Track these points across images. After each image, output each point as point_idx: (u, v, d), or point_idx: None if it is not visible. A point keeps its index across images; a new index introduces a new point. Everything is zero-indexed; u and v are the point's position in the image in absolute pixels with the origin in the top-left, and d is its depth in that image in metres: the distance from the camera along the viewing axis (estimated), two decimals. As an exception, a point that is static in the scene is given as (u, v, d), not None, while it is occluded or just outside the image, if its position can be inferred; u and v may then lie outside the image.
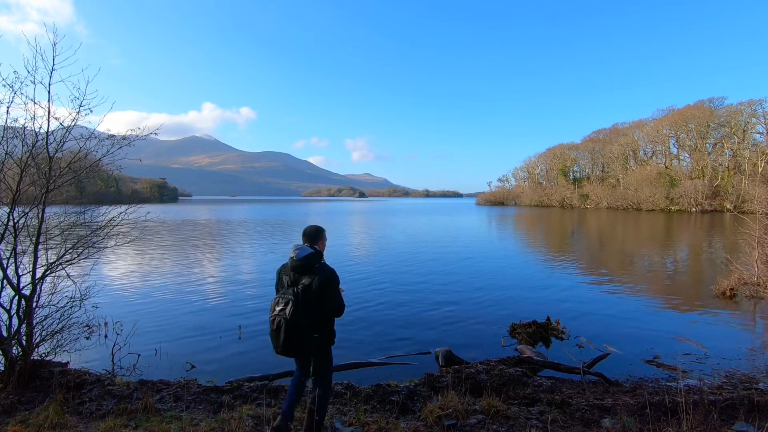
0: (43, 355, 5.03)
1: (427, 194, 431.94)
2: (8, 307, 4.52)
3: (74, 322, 5.18)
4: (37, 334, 4.79)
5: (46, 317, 4.90)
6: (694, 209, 66.60)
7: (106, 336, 7.15)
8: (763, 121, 67.93)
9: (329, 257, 3.89)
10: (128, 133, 5.12)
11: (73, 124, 4.76)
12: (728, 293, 10.16)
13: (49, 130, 4.66)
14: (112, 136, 5.13)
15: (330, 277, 3.15)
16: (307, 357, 3.31)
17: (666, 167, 79.28)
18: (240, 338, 7.27)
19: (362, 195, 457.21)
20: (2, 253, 4.44)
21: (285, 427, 3.21)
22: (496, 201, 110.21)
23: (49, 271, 4.76)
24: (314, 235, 3.35)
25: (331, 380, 3.46)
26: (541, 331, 7.43)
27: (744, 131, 69.89)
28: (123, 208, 5.43)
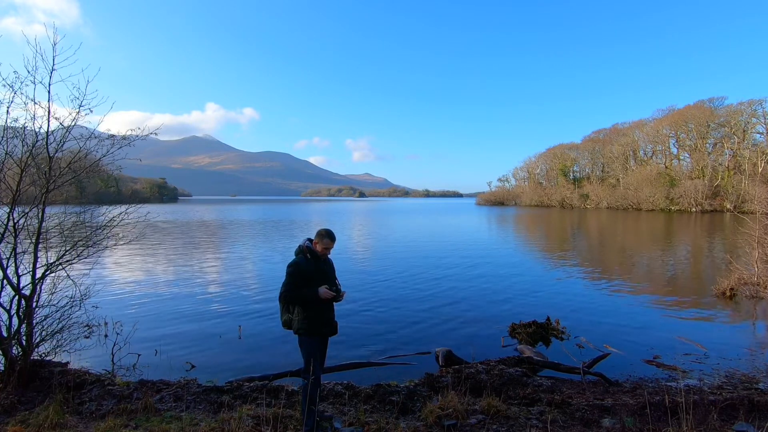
0: (43, 355, 5.03)
1: (427, 194, 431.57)
2: (8, 307, 4.52)
3: (74, 322, 5.18)
4: (37, 334, 4.79)
5: (46, 317, 4.90)
6: (694, 209, 66.58)
7: (106, 336, 7.15)
8: (763, 121, 67.94)
9: (333, 257, 3.93)
10: (128, 133, 5.12)
11: (73, 124, 4.76)
12: (728, 293, 10.16)
13: (49, 130, 4.67)
14: (112, 136, 5.13)
15: (287, 267, 3.58)
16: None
17: (666, 167, 79.26)
18: (240, 338, 7.27)
19: (362, 195, 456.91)
20: (2, 253, 4.44)
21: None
22: (496, 201, 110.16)
23: (49, 271, 4.76)
24: (317, 233, 3.74)
25: (309, 371, 3.47)
26: (541, 331, 7.43)
27: (744, 131, 69.86)
28: (123, 208, 5.43)
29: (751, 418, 3.83)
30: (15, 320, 4.56)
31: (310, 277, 3.55)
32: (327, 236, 3.66)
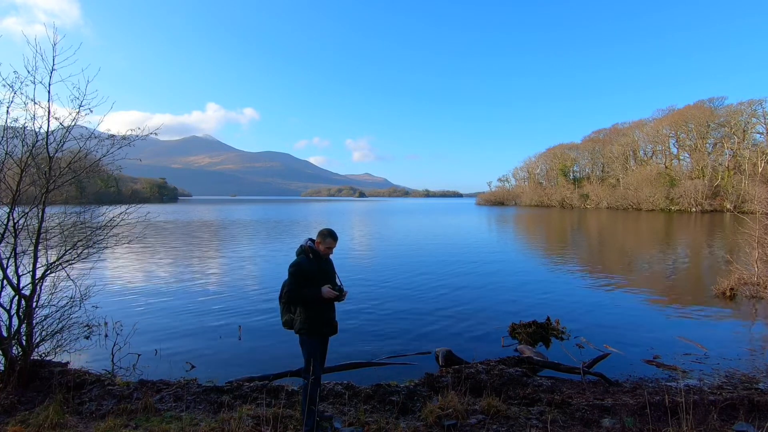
0: (43, 355, 5.03)
1: (427, 194, 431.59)
2: (8, 307, 4.52)
3: (74, 322, 5.18)
4: (37, 334, 4.79)
5: (46, 317, 4.90)
6: (694, 209, 66.59)
7: (106, 336, 7.15)
8: (763, 121, 67.94)
9: (333, 257, 3.91)
10: (128, 133, 5.12)
11: (73, 124, 4.76)
12: (728, 293, 10.16)
13: (49, 130, 4.66)
14: (112, 136, 5.13)
15: (289, 267, 3.58)
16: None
17: (666, 167, 79.25)
18: (240, 338, 7.27)
19: (362, 195, 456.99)
20: (2, 253, 4.44)
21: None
22: (496, 201, 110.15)
23: (49, 271, 4.76)
24: (319, 233, 3.74)
25: (309, 371, 3.49)
26: (541, 331, 7.43)
27: (744, 131, 69.86)
28: (123, 208, 5.43)
29: (751, 418, 3.83)
30: (15, 320, 4.56)
31: (313, 277, 3.54)
32: (329, 236, 3.67)
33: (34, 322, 4.75)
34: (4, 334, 4.51)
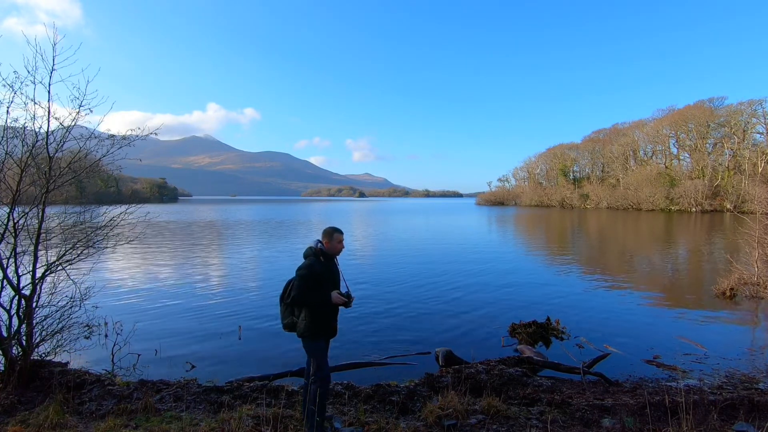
0: (43, 355, 5.03)
1: (427, 194, 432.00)
2: (8, 307, 4.52)
3: (74, 322, 5.19)
4: (37, 334, 4.79)
5: (46, 317, 4.90)
6: (694, 209, 66.58)
7: (106, 336, 7.15)
8: (763, 121, 67.95)
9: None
10: (128, 133, 5.12)
11: (73, 124, 4.76)
12: (728, 293, 10.15)
13: (49, 130, 4.67)
14: (112, 136, 5.14)
15: (299, 269, 3.49)
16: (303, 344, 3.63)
17: (666, 167, 79.27)
18: (240, 338, 7.27)
19: (362, 195, 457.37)
20: (2, 253, 4.44)
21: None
22: (496, 201, 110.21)
23: (49, 271, 4.76)
24: (324, 233, 3.70)
25: (324, 375, 3.50)
26: (541, 331, 7.43)
27: (744, 131, 69.88)
28: (123, 208, 5.43)
29: (751, 418, 3.83)
30: (15, 320, 4.56)
31: (323, 280, 3.50)
32: (336, 231, 3.67)
33: (34, 322, 4.75)
34: (4, 334, 4.51)
